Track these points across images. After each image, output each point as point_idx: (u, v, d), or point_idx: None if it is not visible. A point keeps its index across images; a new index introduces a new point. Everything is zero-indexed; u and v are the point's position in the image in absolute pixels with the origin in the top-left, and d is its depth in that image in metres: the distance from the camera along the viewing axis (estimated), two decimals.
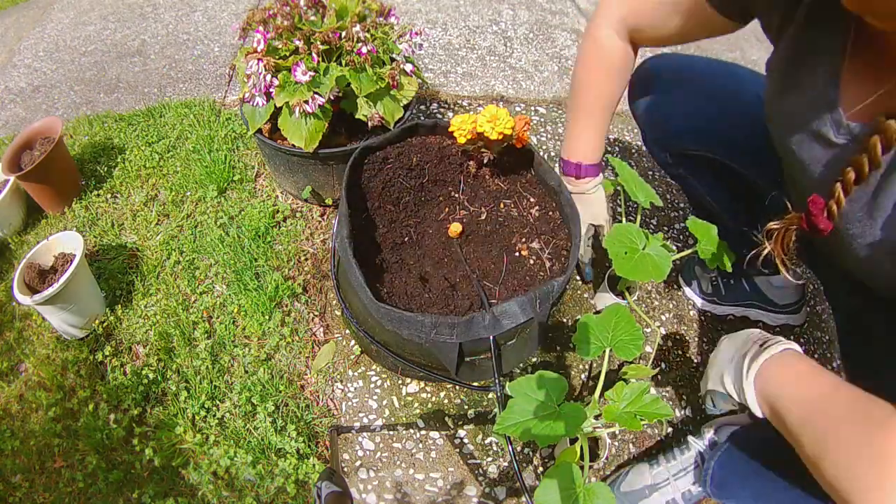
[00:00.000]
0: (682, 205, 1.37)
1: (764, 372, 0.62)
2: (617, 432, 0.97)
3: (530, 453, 0.95)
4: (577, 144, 0.93)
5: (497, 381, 0.74)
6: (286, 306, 1.10)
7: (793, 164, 0.66)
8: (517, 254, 0.93)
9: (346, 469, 0.91)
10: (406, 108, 1.08)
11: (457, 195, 1.00)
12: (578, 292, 1.16)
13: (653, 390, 0.82)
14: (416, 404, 0.98)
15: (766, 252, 0.64)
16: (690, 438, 0.91)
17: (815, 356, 1.12)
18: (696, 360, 1.09)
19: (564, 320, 1.11)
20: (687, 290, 1.18)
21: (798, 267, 0.60)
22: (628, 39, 0.84)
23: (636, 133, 1.55)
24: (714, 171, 0.94)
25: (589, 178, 0.94)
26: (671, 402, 1.04)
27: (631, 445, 0.97)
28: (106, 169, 1.36)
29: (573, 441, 0.77)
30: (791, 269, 0.63)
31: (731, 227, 0.97)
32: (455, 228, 0.94)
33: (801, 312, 1.12)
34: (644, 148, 1.05)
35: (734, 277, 1.12)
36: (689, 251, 0.88)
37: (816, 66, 0.59)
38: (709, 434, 0.91)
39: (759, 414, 0.62)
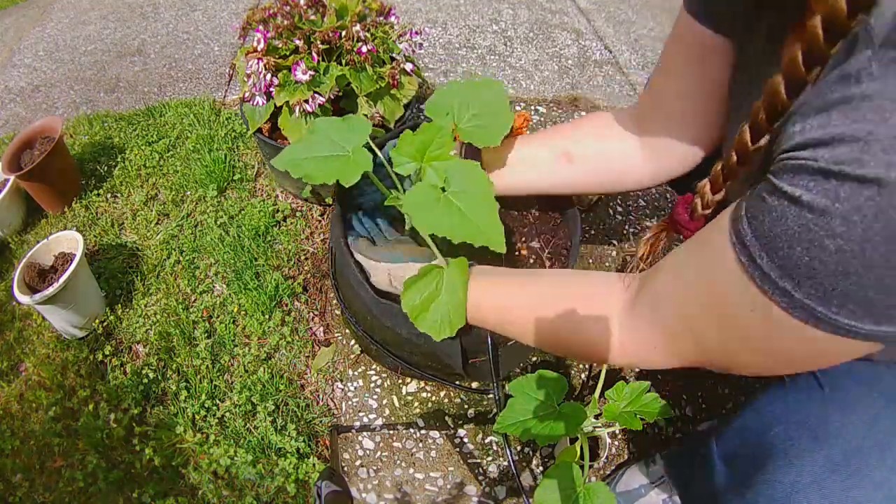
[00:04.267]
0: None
1: None
2: (617, 432, 0.97)
3: (530, 453, 0.95)
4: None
5: (495, 381, 0.74)
6: (286, 305, 1.10)
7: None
8: (517, 253, 0.93)
9: (346, 468, 0.91)
10: (406, 107, 1.08)
11: None
12: None
13: (652, 390, 0.82)
14: (416, 403, 0.98)
15: (639, 254, 0.60)
16: (685, 438, 0.91)
17: None
18: None
19: None
20: None
21: None
22: (638, 132, 0.70)
23: None
24: None
25: None
26: (671, 402, 1.04)
27: (631, 445, 0.97)
28: (106, 168, 1.36)
29: (573, 440, 0.77)
30: None
31: None
32: None
33: None
34: None
35: None
36: None
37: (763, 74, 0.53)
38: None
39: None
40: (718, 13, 0.56)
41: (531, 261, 0.92)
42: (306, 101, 0.96)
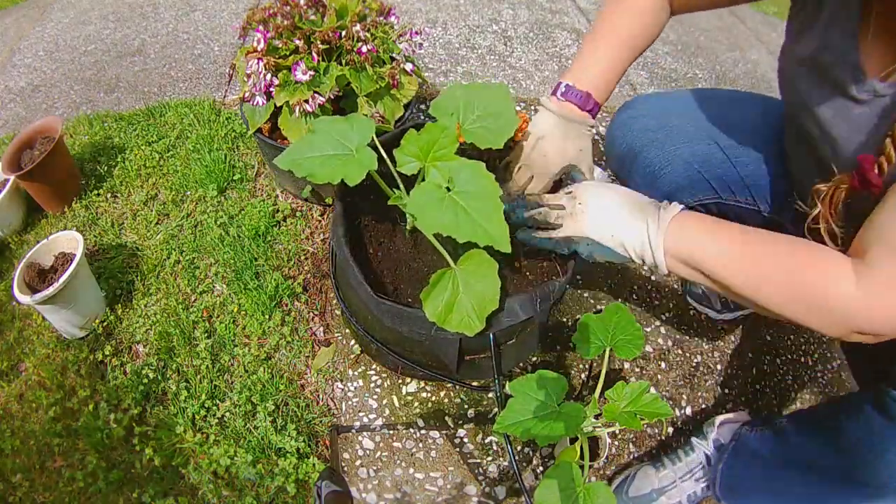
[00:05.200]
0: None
1: (673, 231, 0.63)
2: (617, 432, 0.97)
3: (530, 453, 0.95)
4: (588, 72, 0.76)
5: (497, 379, 0.74)
6: (286, 305, 1.10)
7: (811, 126, 0.67)
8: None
9: (346, 468, 0.91)
10: (406, 107, 1.08)
11: None
12: (578, 291, 1.16)
13: (652, 390, 0.82)
14: (416, 403, 0.98)
15: (814, 213, 0.65)
16: (694, 440, 0.91)
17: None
18: (695, 360, 1.09)
19: (564, 320, 1.11)
20: (699, 307, 1.15)
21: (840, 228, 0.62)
22: None
23: None
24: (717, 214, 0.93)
25: (590, 117, 0.78)
26: (671, 402, 1.04)
27: (631, 445, 0.97)
28: (106, 168, 1.36)
29: (573, 440, 0.77)
30: (832, 233, 0.63)
31: None
32: None
33: None
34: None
35: None
36: None
37: (834, 19, 0.61)
38: (712, 434, 0.91)
39: (664, 271, 0.64)
40: None
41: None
42: (306, 101, 0.96)
